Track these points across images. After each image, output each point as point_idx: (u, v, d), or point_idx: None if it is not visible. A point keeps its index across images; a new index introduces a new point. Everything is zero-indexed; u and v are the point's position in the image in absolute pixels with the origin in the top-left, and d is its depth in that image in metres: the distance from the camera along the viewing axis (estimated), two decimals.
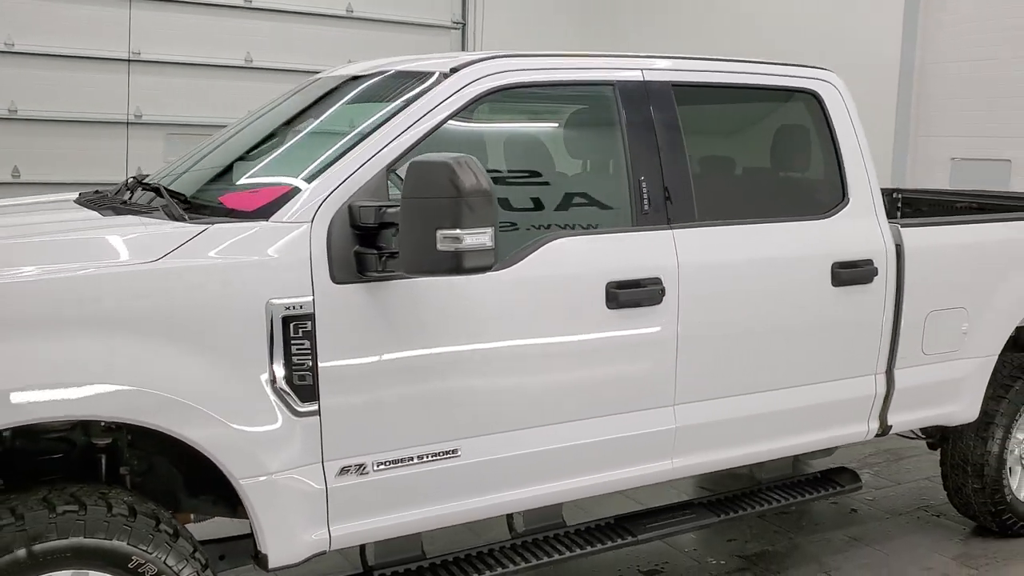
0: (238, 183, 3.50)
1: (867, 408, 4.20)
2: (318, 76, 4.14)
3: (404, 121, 3.22)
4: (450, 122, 3.30)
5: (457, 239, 2.72)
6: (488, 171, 2.82)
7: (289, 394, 2.91)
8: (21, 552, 2.58)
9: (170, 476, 3.17)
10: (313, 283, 2.94)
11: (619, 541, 3.66)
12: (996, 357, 4.58)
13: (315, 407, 2.95)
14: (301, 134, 3.66)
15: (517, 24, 10.60)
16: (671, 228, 3.59)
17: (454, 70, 3.38)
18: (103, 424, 2.94)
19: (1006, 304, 4.55)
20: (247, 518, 2.95)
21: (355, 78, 3.81)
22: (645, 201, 3.56)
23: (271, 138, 3.72)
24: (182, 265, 2.81)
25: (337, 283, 2.97)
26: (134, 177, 3.88)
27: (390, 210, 2.95)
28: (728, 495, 4.13)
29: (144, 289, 2.75)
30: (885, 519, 5.12)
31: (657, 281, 3.51)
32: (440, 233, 2.73)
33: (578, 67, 3.62)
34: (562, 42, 10.47)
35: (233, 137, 3.96)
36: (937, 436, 4.89)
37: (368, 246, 3.00)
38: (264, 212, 3.04)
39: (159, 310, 2.75)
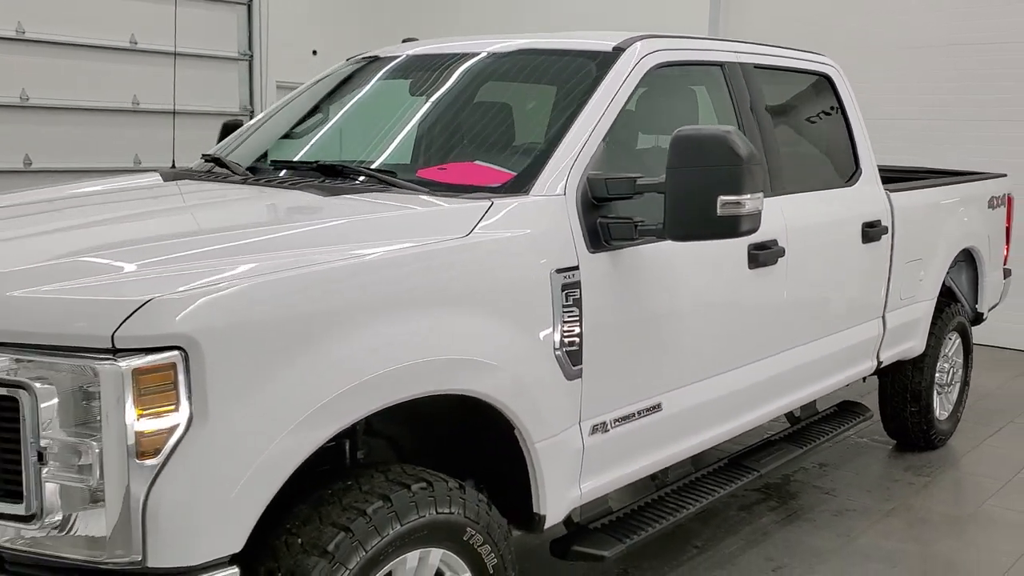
0: (450, 157, 3.48)
1: (874, 347, 4.91)
2: (421, 52, 4.08)
3: (603, 97, 3.40)
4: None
5: (738, 204, 2.98)
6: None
7: (565, 359, 3.03)
8: (393, 532, 2.54)
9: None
10: (577, 252, 3.07)
11: (748, 477, 4.07)
12: (935, 300, 5.47)
13: (580, 370, 3.09)
14: (479, 111, 3.68)
15: (300, 54, 10.52)
16: (775, 196, 4.03)
17: (618, 49, 3.59)
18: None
19: (943, 255, 5.46)
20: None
21: (491, 55, 3.82)
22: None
23: (440, 114, 3.70)
24: (491, 238, 2.86)
25: (591, 252, 3.11)
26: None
27: (641, 181, 3.13)
28: (792, 431, 4.68)
29: (460, 262, 2.78)
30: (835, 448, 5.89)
31: (776, 243, 3.94)
32: (721, 199, 2.97)
33: (703, 48, 3.97)
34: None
35: (349, 114, 3.88)
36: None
37: (606, 216, 3.17)
38: (516, 186, 3.11)
39: (473, 282, 2.79)
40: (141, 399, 2.14)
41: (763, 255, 3.83)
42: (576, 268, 3.04)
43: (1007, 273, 6.50)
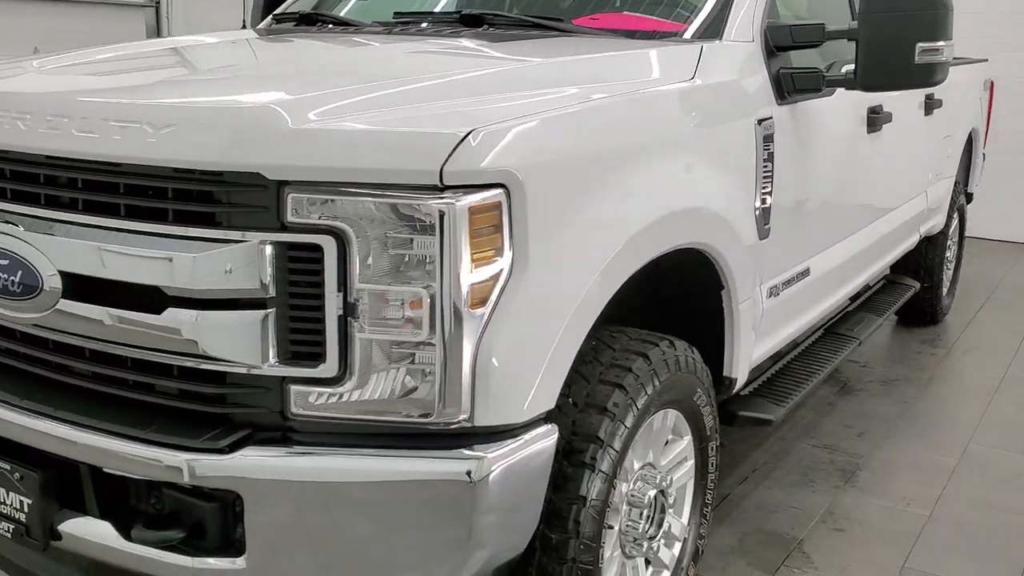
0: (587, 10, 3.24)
1: (920, 220, 4.99)
2: None
3: None
4: None
5: (937, 51, 2.90)
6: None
7: (761, 217, 2.92)
8: (653, 390, 2.42)
9: None
10: (770, 103, 2.94)
11: (853, 345, 4.10)
12: (954, 178, 5.61)
13: (768, 229, 2.99)
14: None
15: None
16: None
17: None
18: None
19: (961, 133, 5.59)
20: None
21: None
22: None
23: None
24: (711, 83, 2.70)
25: (778, 104, 2.99)
26: None
27: (830, 27, 3.01)
28: (858, 304, 4.74)
29: (697, 107, 2.62)
30: None
31: (882, 108, 3.90)
32: (920, 46, 2.89)
33: None
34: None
35: None
36: None
37: (786, 66, 3.04)
38: (708, 31, 2.93)
39: (704, 130, 2.64)
40: (474, 242, 1.91)
41: (878, 119, 3.80)
42: (771, 119, 2.92)
43: (983, 157, 6.74)
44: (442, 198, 1.87)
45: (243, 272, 1.91)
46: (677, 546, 2.74)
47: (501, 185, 1.94)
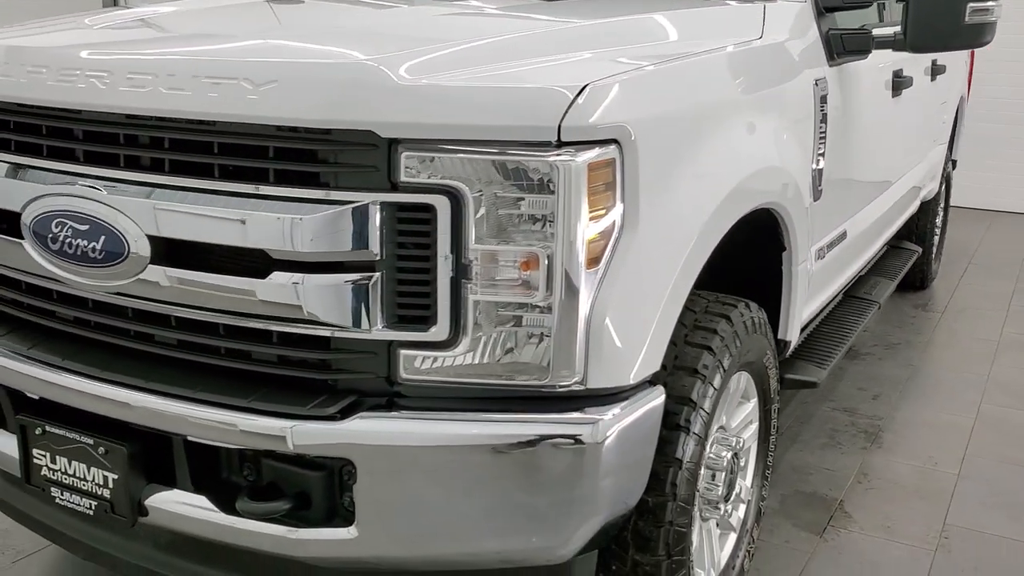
0: None
1: (923, 183, 5.05)
2: None
3: None
4: None
5: (987, 11, 2.91)
6: None
7: (815, 177, 2.91)
8: (735, 351, 2.41)
9: None
10: (823, 63, 2.93)
11: (874, 308, 4.13)
12: (947, 144, 5.69)
13: (820, 191, 2.98)
14: None
15: None
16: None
17: None
18: None
19: (954, 100, 5.65)
20: None
21: None
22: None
23: None
24: (777, 42, 2.68)
25: (829, 64, 2.98)
26: None
27: None
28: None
29: (766, 65, 2.60)
30: None
31: (903, 71, 3.92)
32: (971, 6, 2.89)
33: None
34: None
35: None
36: None
37: (833, 27, 3.02)
38: None
39: (775, 88, 2.62)
40: (591, 199, 1.86)
41: (902, 83, 3.81)
42: (825, 80, 2.91)
43: None
44: (560, 155, 1.82)
45: (353, 234, 1.84)
46: (742, 508, 2.75)
47: (614, 141, 1.89)
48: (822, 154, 2.92)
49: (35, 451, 2.18)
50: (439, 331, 1.89)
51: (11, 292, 2.30)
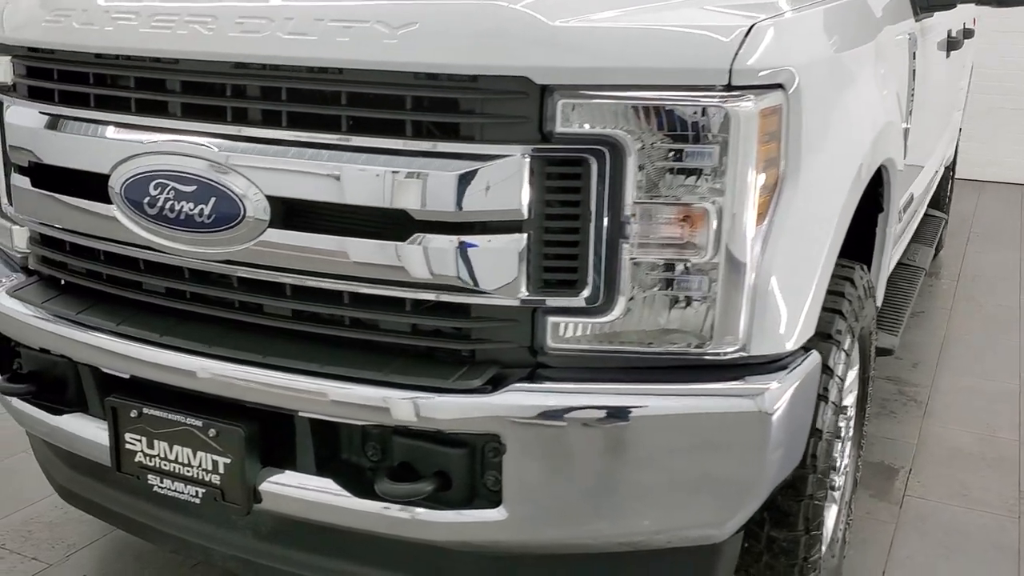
0: None
1: (948, 147, 5.00)
2: None
3: None
4: None
5: None
6: None
7: (904, 136, 2.81)
8: (861, 317, 2.30)
9: None
10: (911, 18, 2.82)
11: (921, 276, 4.06)
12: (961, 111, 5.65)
13: (907, 148, 2.88)
14: None
15: None
16: None
17: None
18: None
19: (968, 69, 5.61)
20: None
21: None
22: None
23: None
24: None
25: (914, 19, 2.87)
26: None
27: None
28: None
29: (885, 16, 2.49)
30: None
31: (952, 31, 3.84)
32: None
33: None
34: None
35: None
36: None
37: None
38: None
39: (887, 41, 2.50)
40: (761, 150, 1.72)
41: (955, 43, 3.74)
42: (914, 35, 2.81)
43: None
44: (733, 99, 1.68)
45: (502, 191, 1.69)
46: (842, 478, 2.65)
47: (779, 86, 1.76)
48: (911, 112, 2.82)
49: (128, 436, 1.99)
50: (591, 296, 1.74)
51: (90, 263, 2.11)
